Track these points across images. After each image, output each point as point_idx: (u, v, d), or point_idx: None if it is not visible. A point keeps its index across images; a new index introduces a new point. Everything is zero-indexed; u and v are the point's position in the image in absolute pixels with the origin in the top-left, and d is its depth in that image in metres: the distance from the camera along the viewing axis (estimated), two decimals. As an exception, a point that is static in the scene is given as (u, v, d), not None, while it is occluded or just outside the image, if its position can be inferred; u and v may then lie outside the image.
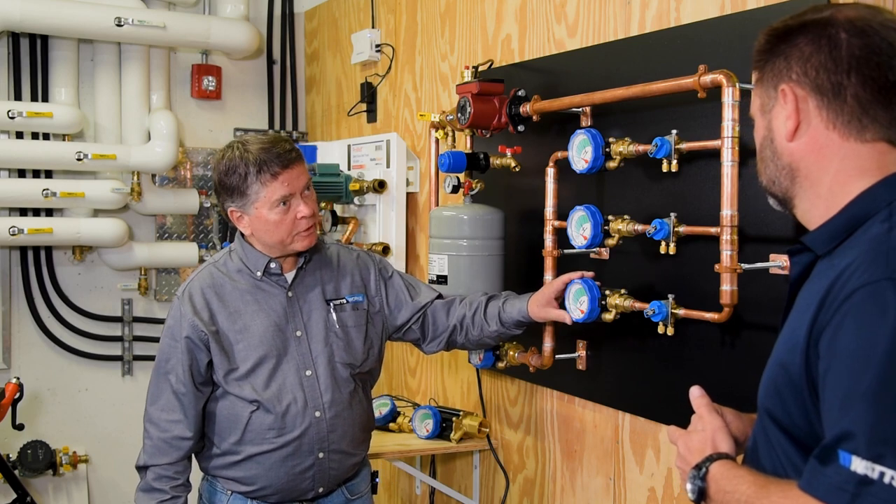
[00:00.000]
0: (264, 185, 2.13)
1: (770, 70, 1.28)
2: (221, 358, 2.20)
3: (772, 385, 1.23)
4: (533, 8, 2.79)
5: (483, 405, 3.02)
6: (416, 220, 3.51)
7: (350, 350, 2.29)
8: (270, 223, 2.17)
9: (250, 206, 2.17)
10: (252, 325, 2.22)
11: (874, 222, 1.17)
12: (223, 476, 2.26)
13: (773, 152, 1.29)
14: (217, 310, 2.22)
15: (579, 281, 2.26)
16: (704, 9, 2.14)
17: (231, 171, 2.16)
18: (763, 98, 1.30)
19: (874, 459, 1.00)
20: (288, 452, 2.20)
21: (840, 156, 1.22)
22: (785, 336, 1.23)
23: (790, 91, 1.24)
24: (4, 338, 4.08)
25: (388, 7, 3.73)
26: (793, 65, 1.24)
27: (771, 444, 1.24)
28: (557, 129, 2.54)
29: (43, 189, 3.84)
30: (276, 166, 2.14)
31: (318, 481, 2.25)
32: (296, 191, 2.17)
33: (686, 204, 2.12)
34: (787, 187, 1.28)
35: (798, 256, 1.30)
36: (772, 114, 1.28)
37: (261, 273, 2.24)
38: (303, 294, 2.27)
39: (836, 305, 1.10)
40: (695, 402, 1.40)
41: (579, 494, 2.59)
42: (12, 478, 3.67)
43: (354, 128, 4.05)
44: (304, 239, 2.21)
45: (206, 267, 2.30)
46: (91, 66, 4.15)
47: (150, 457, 2.22)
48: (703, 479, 1.26)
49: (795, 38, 1.24)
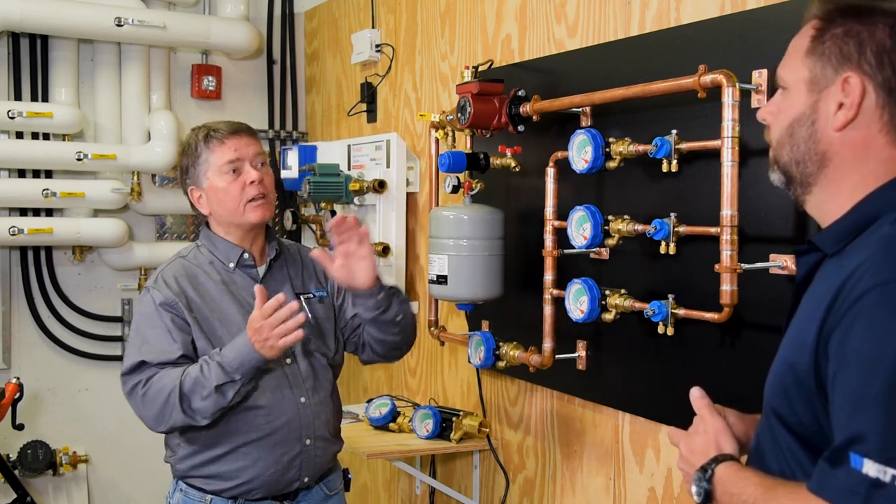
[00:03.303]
0: (212, 151, 2.21)
1: (835, 46, 1.17)
2: (204, 343, 2.16)
3: (779, 385, 1.21)
4: (533, 8, 2.79)
5: (483, 405, 3.02)
6: (416, 220, 3.51)
7: (324, 341, 2.31)
8: (221, 191, 2.21)
9: (202, 178, 2.22)
10: (229, 315, 2.20)
11: (884, 222, 1.15)
12: (203, 475, 2.20)
13: (810, 134, 1.21)
14: (193, 297, 2.19)
15: (579, 281, 2.26)
16: (704, 9, 2.13)
17: (187, 149, 2.27)
18: (815, 72, 1.20)
19: (887, 462, 1.00)
20: (277, 440, 2.18)
21: (879, 160, 1.18)
22: (792, 336, 1.22)
23: (859, 82, 1.16)
24: (4, 338, 4.08)
25: (388, 7, 3.73)
26: (868, 53, 1.15)
27: (778, 445, 1.22)
28: (557, 129, 2.54)
29: (43, 189, 3.84)
30: (223, 133, 2.23)
31: (305, 470, 2.24)
32: (244, 157, 2.22)
33: (686, 204, 2.12)
34: (812, 173, 1.22)
35: (805, 257, 1.28)
36: (823, 94, 1.19)
37: (234, 264, 2.25)
38: (274, 287, 2.26)
39: (846, 307, 1.09)
40: (695, 404, 1.38)
41: (579, 494, 2.59)
42: (12, 478, 3.67)
43: (354, 128, 4.05)
44: (258, 209, 2.21)
45: (175, 259, 2.28)
46: (91, 66, 4.15)
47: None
48: (709, 481, 1.24)
49: (876, 22, 1.15)
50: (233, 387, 2.06)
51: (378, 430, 3.09)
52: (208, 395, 2.05)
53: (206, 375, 2.05)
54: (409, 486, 3.52)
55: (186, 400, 2.06)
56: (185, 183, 2.28)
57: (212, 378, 2.04)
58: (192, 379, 2.05)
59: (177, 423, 2.10)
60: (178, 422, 2.10)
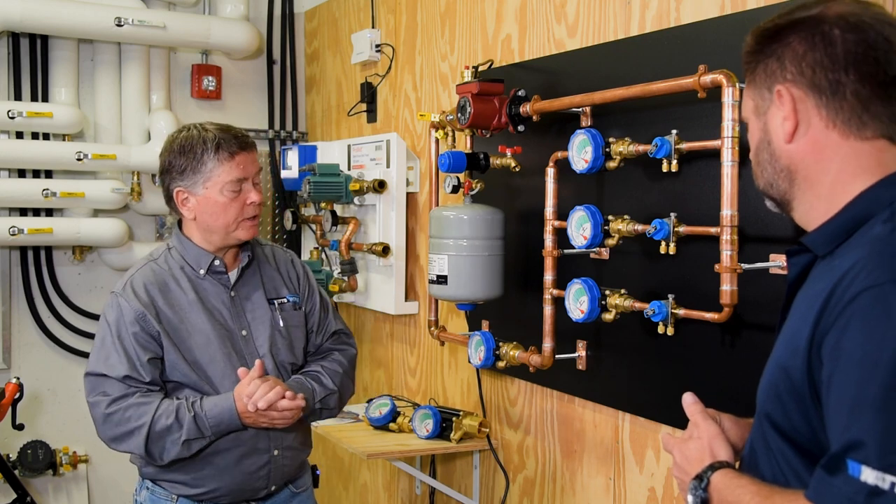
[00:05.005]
0: (221, 163, 2.15)
1: (762, 71, 1.25)
2: (174, 356, 2.14)
3: (772, 389, 1.20)
4: (533, 8, 2.79)
5: (483, 405, 3.02)
6: (416, 220, 3.51)
7: (292, 349, 2.29)
8: (219, 205, 2.16)
9: (200, 186, 2.16)
10: (199, 324, 2.18)
11: (875, 223, 1.14)
12: (168, 479, 2.19)
13: (770, 155, 1.26)
14: (162, 308, 2.16)
15: (579, 281, 2.26)
16: (704, 9, 2.14)
17: (187, 149, 2.16)
18: (756, 100, 1.27)
19: (885, 469, 0.98)
20: (243, 452, 2.18)
21: (840, 155, 1.19)
22: (785, 338, 1.21)
23: (786, 91, 1.21)
24: (4, 338, 4.08)
25: (388, 7, 3.73)
26: (787, 64, 1.21)
27: (770, 450, 1.21)
28: (557, 129, 2.54)
29: (43, 189, 3.84)
30: (234, 146, 2.16)
31: (273, 479, 2.24)
32: (249, 175, 2.19)
33: (686, 204, 2.12)
34: (786, 190, 1.25)
35: (796, 257, 1.28)
36: (767, 115, 1.25)
37: (204, 271, 2.22)
38: (246, 294, 2.25)
39: (839, 309, 1.08)
40: (688, 410, 1.37)
41: (579, 494, 2.59)
42: (12, 478, 3.67)
43: (354, 128, 4.05)
44: (250, 228, 2.21)
45: (146, 264, 2.24)
46: (91, 66, 4.15)
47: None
48: (705, 489, 1.23)
49: (787, 36, 1.21)
50: (201, 443, 2.10)
51: (378, 430, 3.10)
52: (174, 445, 2.07)
53: (179, 423, 2.06)
54: (409, 486, 3.52)
55: (153, 442, 2.07)
56: (173, 180, 2.19)
57: (183, 432, 2.06)
58: (164, 426, 2.06)
59: (133, 451, 2.13)
60: (135, 451, 2.12)
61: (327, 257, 3.86)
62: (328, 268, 3.82)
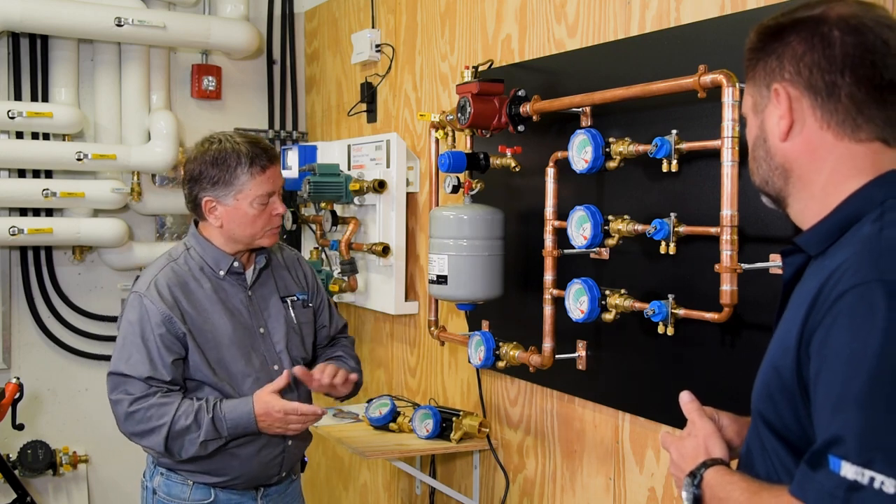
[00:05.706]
0: (253, 177, 2.21)
1: (762, 69, 1.25)
2: (198, 357, 2.21)
3: (764, 389, 1.21)
4: (533, 8, 2.79)
5: (483, 405, 3.01)
6: (416, 220, 3.51)
7: (304, 345, 2.41)
8: (248, 217, 2.23)
9: (231, 198, 2.22)
10: (220, 325, 2.26)
11: (865, 222, 1.15)
12: (188, 470, 2.27)
13: (766, 152, 1.27)
14: (186, 308, 2.23)
15: (579, 281, 2.26)
16: (704, 9, 2.14)
17: (220, 161, 2.21)
18: (755, 97, 1.28)
19: (864, 464, 0.99)
20: (263, 443, 2.29)
21: (834, 156, 1.20)
22: (778, 338, 1.22)
23: (783, 90, 1.22)
24: (4, 338, 4.08)
25: (388, 7, 3.73)
26: (785, 64, 1.21)
27: (765, 449, 1.22)
28: (557, 129, 2.54)
29: (43, 189, 3.85)
30: (265, 160, 2.24)
31: (284, 467, 2.37)
32: (276, 188, 2.27)
33: (686, 204, 2.12)
34: (781, 187, 1.27)
35: (791, 257, 1.29)
36: (764, 113, 1.26)
37: (224, 272, 2.29)
38: (262, 293, 2.35)
39: (826, 307, 1.09)
40: (685, 408, 1.38)
41: (579, 494, 2.59)
42: (12, 478, 3.67)
43: (354, 128, 4.05)
44: (273, 236, 2.31)
45: (166, 264, 2.29)
46: (91, 66, 4.15)
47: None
48: (697, 486, 1.24)
49: (787, 36, 1.22)
50: (217, 443, 2.19)
51: (378, 430, 3.09)
52: (192, 444, 2.17)
53: (198, 424, 2.15)
54: (409, 486, 3.52)
55: (172, 440, 2.16)
56: (203, 189, 2.23)
57: (202, 433, 2.15)
58: (184, 426, 2.15)
59: (152, 448, 2.22)
60: (154, 448, 2.20)
61: (327, 257, 3.86)
62: (328, 268, 3.82)
